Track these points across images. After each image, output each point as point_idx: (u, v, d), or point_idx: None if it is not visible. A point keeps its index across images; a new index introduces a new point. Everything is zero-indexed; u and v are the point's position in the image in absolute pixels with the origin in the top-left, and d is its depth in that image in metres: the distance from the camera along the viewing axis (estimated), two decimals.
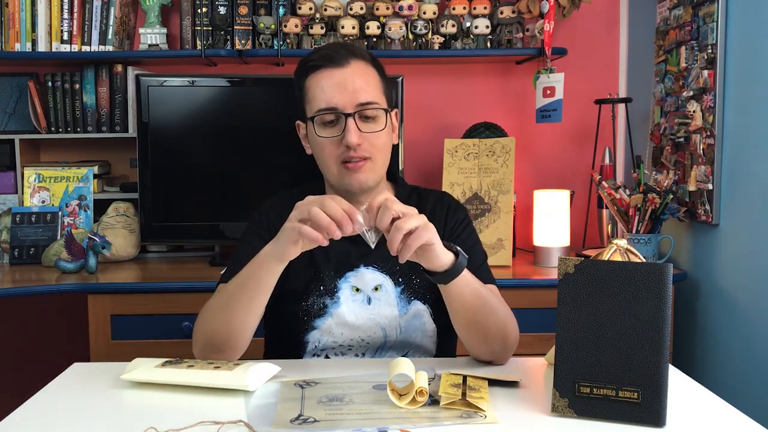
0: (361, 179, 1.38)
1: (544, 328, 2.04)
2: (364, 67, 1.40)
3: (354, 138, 1.34)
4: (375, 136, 1.38)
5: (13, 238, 2.42)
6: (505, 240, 2.30)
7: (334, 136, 1.37)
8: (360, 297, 1.43)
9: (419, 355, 1.46)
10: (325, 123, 1.38)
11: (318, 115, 1.37)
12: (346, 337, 1.42)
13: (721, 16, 2.01)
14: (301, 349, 1.43)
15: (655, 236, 2.21)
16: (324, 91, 1.37)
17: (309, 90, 1.40)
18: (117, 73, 2.51)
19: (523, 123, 2.67)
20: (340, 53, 1.38)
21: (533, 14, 2.47)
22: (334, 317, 1.42)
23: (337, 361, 1.42)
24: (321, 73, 1.38)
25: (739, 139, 1.98)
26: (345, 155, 1.36)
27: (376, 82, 1.41)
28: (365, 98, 1.37)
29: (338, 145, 1.37)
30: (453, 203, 1.53)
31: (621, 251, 1.15)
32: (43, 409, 1.14)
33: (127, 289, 2.09)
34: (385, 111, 1.40)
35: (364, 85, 1.37)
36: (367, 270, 1.43)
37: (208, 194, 2.37)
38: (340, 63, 1.37)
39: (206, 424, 1.04)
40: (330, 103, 1.36)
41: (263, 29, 2.47)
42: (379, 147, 1.39)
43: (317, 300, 1.42)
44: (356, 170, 1.37)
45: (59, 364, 1.41)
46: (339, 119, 1.37)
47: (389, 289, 1.43)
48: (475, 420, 1.05)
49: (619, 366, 1.04)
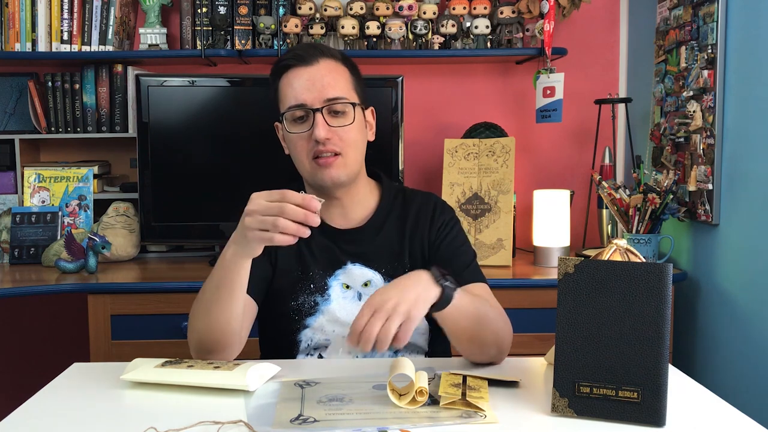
0: (333, 174, 1.39)
1: (544, 328, 2.04)
2: (333, 65, 1.42)
3: (321, 132, 1.36)
4: (344, 131, 1.39)
5: (13, 238, 2.42)
6: (505, 240, 2.30)
7: (303, 131, 1.39)
8: (350, 294, 1.44)
9: (411, 353, 1.46)
10: (295, 119, 1.40)
11: (288, 112, 1.40)
12: (338, 334, 1.43)
13: (721, 16, 2.01)
14: (294, 348, 1.44)
15: (655, 236, 2.21)
16: (294, 89, 1.39)
17: (281, 89, 1.43)
18: (117, 73, 2.51)
19: (523, 123, 2.67)
20: (310, 52, 1.41)
21: (533, 14, 2.47)
22: (326, 314, 1.43)
23: (336, 361, 1.42)
24: (291, 72, 1.41)
25: (739, 139, 1.98)
26: (315, 150, 1.38)
27: (345, 78, 1.43)
28: (333, 94, 1.39)
29: (308, 140, 1.39)
30: (439, 204, 1.53)
31: (621, 251, 1.14)
32: (43, 409, 1.14)
33: (127, 289, 2.09)
34: (353, 105, 1.41)
35: (332, 81, 1.40)
36: (355, 266, 1.44)
37: (208, 194, 2.37)
38: (309, 62, 1.40)
39: (206, 424, 1.04)
40: (299, 100, 1.39)
41: (263, 29, 2.47)
42: (349, 142, 1.40)
43: (307, 298, 1.43)
44: (327, 166, 1.39)
45: (59, 364, 1.41)
46: (308, 115, 1.39)
47: (379, 284, 1.44)
48: (474, 420, 1.05)
49: (618, 366, 1.04)
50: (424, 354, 1.47)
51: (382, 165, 1.51)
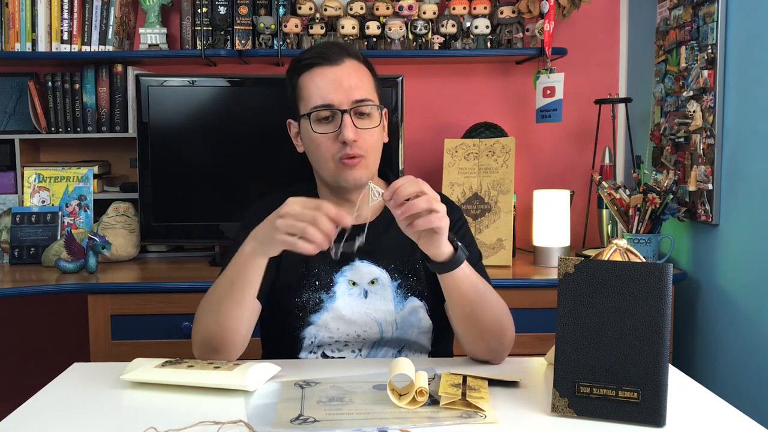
0: (356, 176, 1.40)
1: (544, 328, 2.04)
2: (357, 65, 1.43)
3: (350, 134, 1.36)
4: (369, 134, 1.41)
5: (13, 238, 2.42)
6: (505, 240, 2.30)
7: (329, 132, 1.39)
8: (356, 291, 1.44)
9: (415, 352, 1.46)
10: (320, 119, 1.40)
11: (314, 112, 1.39)
12: (342, 332, 1.42)
13: (721, 16, 2.01)
14: (298, 345, 1.44)
15: (655, 236, 2.21)
16: (319, 88, 1.39)
17: (303, 87, 1.42)
18: (117, 73, 2.51)
19: (523, 123, 2.67)
20: (334, 51, 1.41)
21: (533, 14, 2.47)
22: (330, 311, 1.42)
23: (336, 361, 1.42)
24: (315, 70, 1.40)
25: (739, 139, 1.98)
26: (342, 152, 1.38)
27: (369, 80, 1.44)
28: (360, 95, 1.39)
29: (334, 141, 1.39)
30: (448, 203, 1.53)
31: (621, 251, 1.15)
32: (43, 409, 1.14)
33: (127, 289, 2.09)
34: (378, 108, 1.43)
35: (358, 82, 1.40)
36: (362, 264, 1.44)
37: (208, 194, 2.37)
38: (334, 61, 1.40)
39: (206, 424, 1.04)
40: (326, 100, 1.38)
41: (263, 29, 2.47)
42: (372, 144, 1.42)
43: (312, 295, 1.43)
44: (352, 167, 1.39)
45: (59, 364, 1.41)
46: (335, 116, 1.39)
47: (386, 282, 1.44)
48: (475, 420, 1.05)
49: (618, 366, 1.04)
50: (427, 354, 1.47)
51: (382, 165, 1.51)
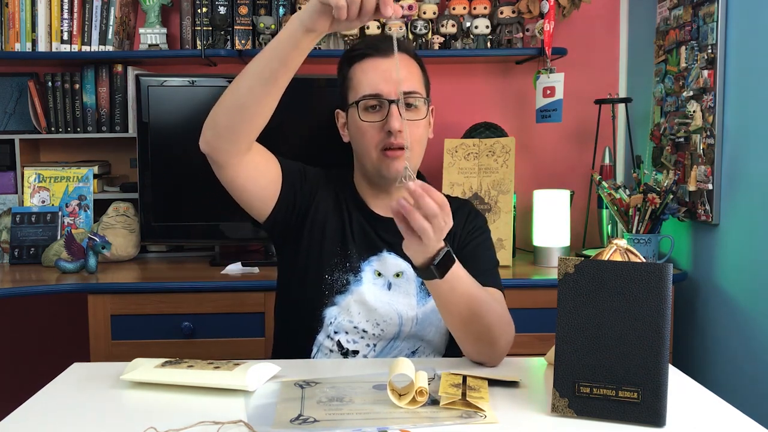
0: (398, 167, 1.41)
1: (544, 328, 2.04)
2: (407, 59, 1.47)
3: (396, 123, 1.38)
4: (415, 125, 1.43)
5: (13, 238, 2.42)
6: (505, 240, 2.30)
7: (376, 121, 1.42)
8: (381, 281, 1.45)
9: (429, 352, 1.47)
10: (367, 108, 1.43)
11: (362, 100, 1.42)
12: (363, 318, 1.44)
13: (721, 16, 2.01)
14: (318, 325, 1.44)
15: (655, 236, 2.21)
16: (369, 78, 1.43)
17: (353, 78, 1.46)
18: (117, 73, 2.51)
19: (523, 123, 2.67)
20: (386, 44, 1.43)
21: (533, 14, 2.47)
22: (354, 295, 1.44)
23: (336, 361, 1.43)
24: (367, 61, 1.45)
25: (739, 139, 1.98)
26: (386, 141, 1.41)
27: (418, 75, 1.48)
28: (408, 87, 1.43)
29: (379, 131, 1.41)
30: (474, 211, 1.58)
31: (621, 251, 1.15)
32: (43, 409, 1.14)
33: (127, 289, 2.09)
34: (425, 102, 1.46)
35: (408, 75, 1.44)
36: (390, 255, 1.46)
37: (208, 194, 2.35)
38: (385, 53, 1.43)
39: (206, 424, 1.04)
40: (375, 90, 1.42)
41: (263, 29, 2.47)
42: (417, 138, 1.44)
43: (341, 276, 1.45)
44: (394, 158, 1.41)
45: (59, 364, 1.41)
46: (382, 105, 1.42)
47: (411, 277, 1.45)
48: (475, 420, 1.05)
49: (618, 366, 1.04)
50: (441, 355, 1.48)
51: None
